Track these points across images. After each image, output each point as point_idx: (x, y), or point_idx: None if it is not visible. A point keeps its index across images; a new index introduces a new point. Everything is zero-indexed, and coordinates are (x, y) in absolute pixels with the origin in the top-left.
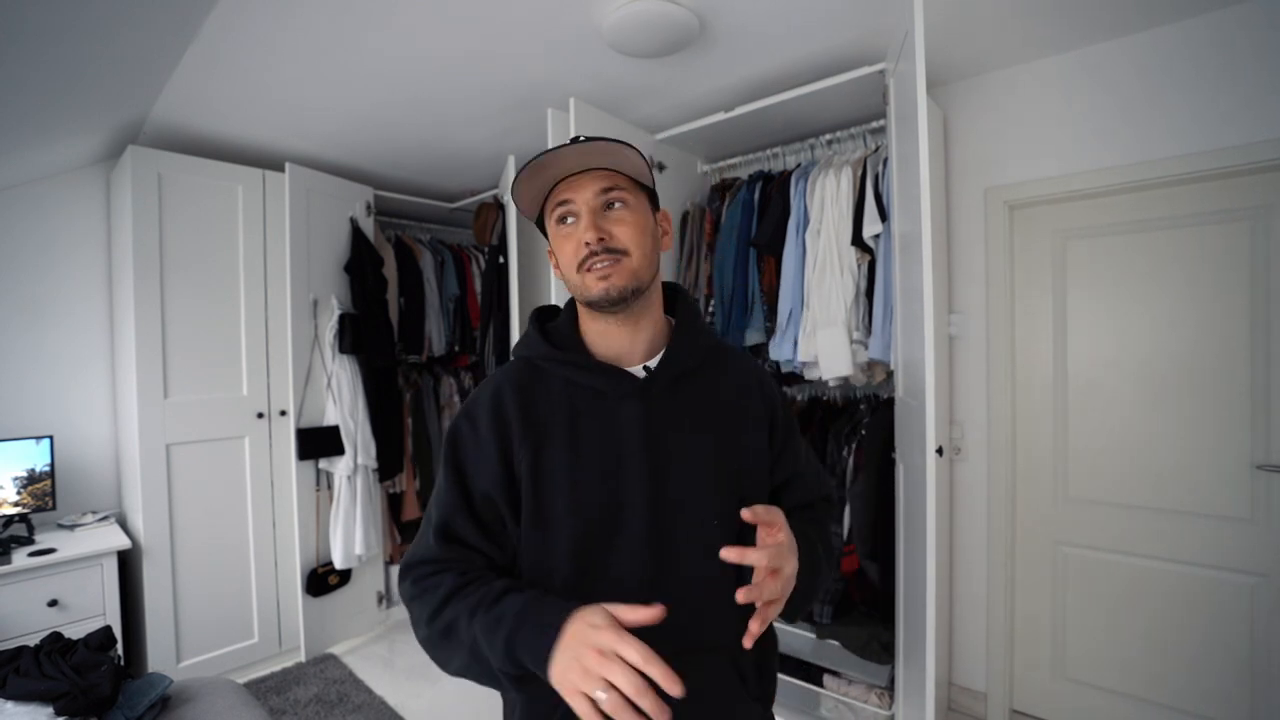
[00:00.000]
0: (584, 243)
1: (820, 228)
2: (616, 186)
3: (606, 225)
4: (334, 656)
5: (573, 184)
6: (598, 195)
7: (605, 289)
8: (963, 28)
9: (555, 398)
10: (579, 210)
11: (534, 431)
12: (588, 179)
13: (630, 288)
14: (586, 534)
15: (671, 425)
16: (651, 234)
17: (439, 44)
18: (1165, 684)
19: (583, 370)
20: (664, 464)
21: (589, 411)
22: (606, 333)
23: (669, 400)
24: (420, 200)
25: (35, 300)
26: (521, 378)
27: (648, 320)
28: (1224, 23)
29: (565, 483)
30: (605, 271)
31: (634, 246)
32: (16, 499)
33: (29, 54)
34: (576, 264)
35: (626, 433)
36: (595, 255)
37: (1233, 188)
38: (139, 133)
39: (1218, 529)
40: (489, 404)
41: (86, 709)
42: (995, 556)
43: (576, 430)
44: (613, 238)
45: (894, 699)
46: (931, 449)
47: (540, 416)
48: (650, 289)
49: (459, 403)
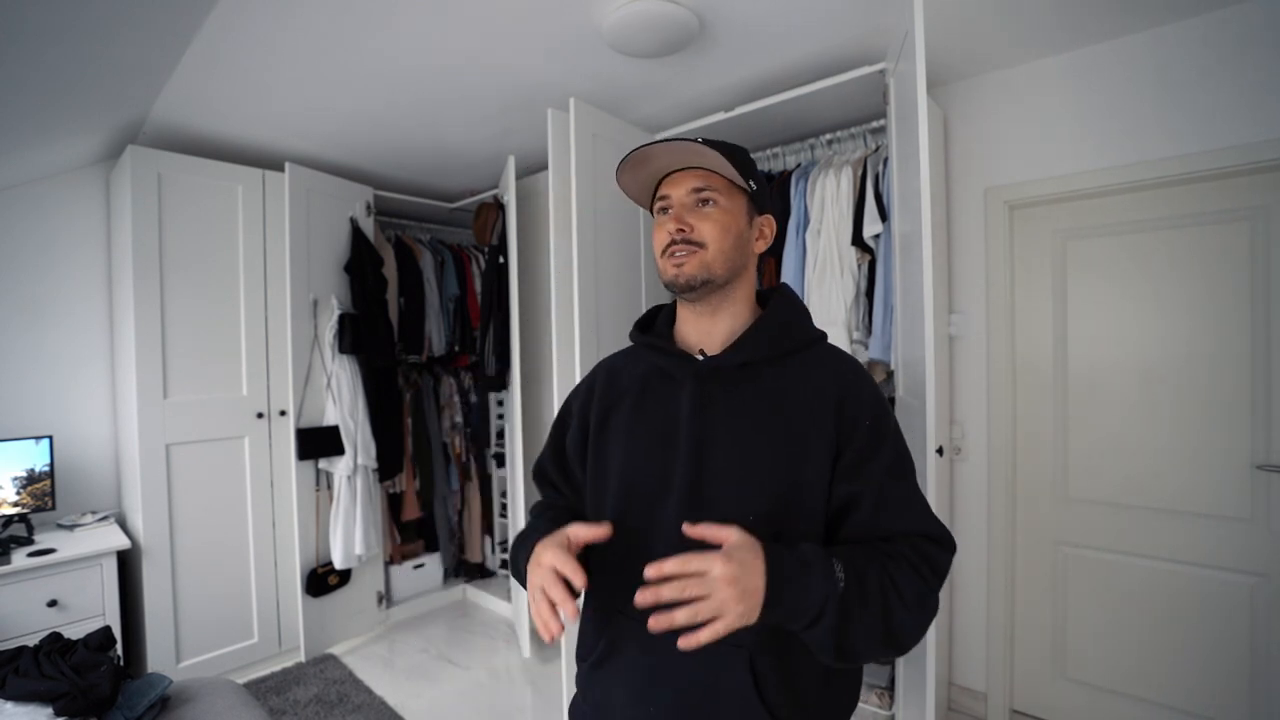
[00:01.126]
0: (668, 231)
1: (820, 228)
2: (709, 187)
3: (691, 219)
4: (334, 657)
5: (673, 180)
6: (690, 193)
7: (676, 275)
8: (963, 28)
9: (636, 375)
10: (673, 204)
11: (609, 399)
12: (685, 176)
13: (701, 277)
14: (629, 494)
15: (726, 412)
16: (736, 233)
17: (439, 44)
18: (1165, 684)
19: (656, 352)
20: (706, 447)
21: (656, 389)
22: (689, 321)
23: (728, 388)
24: (420, 200)
25: (35, 300)
26: (619, 358)
27: (727, 313)
28: (1223, 23)
29: (621, 445)
30: (680, 260)
31: (711, 241)
32: (16, 499)
33: (29, 54)
34: (661, 250)
35: (680, 412)
36: (675, 244)
37: (1232, 188)
38: (139, 133)
39: (1218, 529)
40: (586, 383)
41: (86, 709)
42: (995, 556)
43: (642, 404)
44: (693, 230)
45: (894, 699)
46: (931, 449)
47: (620, 389)
48: (731, 284)
49: (459, 403)
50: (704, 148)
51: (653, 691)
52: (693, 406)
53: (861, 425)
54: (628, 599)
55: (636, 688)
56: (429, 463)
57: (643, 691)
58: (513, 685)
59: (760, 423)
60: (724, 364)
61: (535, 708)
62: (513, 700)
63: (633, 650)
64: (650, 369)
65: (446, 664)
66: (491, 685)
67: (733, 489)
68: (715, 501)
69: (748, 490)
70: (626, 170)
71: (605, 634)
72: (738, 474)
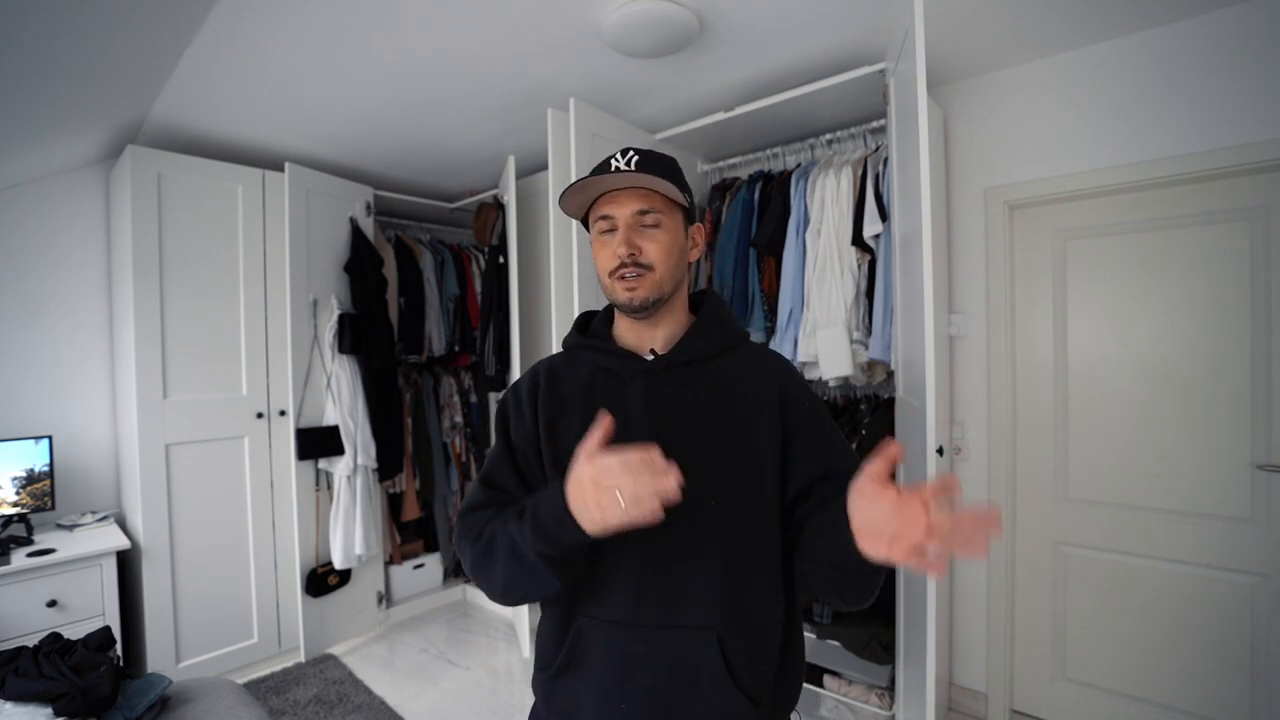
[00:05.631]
0: (616, 254)
1: (820, 228)
2: (653, 209)
3: (639, 241)
4: (334, 657)
5: (616, 199)
6: (634, 215)
7: (630, 298)
8: (963, 28)
9: (579, 376)
10: (617, 224)
11: (556, 400)
12: (628, 196)
13: (652, 298)
14: None
15: (676, 405)
16: (679, 250)
17: (439, 44)
18: (1165, 684)
19: (602, 354)
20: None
21: (603, 387)
22: (630, 327)
23: (675, 383)
24: (420, 200)
25: (35, 300)
26: (557, 361)
27: (668, 319)
28: (1223, 23)
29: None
30: (632, 284)
31: (659, 262)
32: (16, 499)
33: (29, 54)
34: (609, 270)
35: (632, 407)
36: (625, 266)
37: (1233, 188)
38: (138, 133)
39: (1218, 529)
40: (529, 378)
41: (86, 709)
42: (995, 556)
43: (591, 401)
44: (642, 253)
45: (894, 699)
46: (932, 449)
47: (564, 390)
48: (674, 296)
49: (459, 403)
50: (655, 178)
51: (625, 687)
52: (645, 402)
53: (803, 409)
54: (591, 602)
55: (606, 687)
56: (429, 463)
57: (614, 689)
58: (512, 685)
59: (712, 414)
60: (675, 360)
61: None
62: (513, 700)
63: (599, 650)
64: (593, 370)
65: (446, 664)
66: (491, 685)
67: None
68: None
69: (707, 477)
70: (570, 195)
71: (566, 639)
72: (695, 463)
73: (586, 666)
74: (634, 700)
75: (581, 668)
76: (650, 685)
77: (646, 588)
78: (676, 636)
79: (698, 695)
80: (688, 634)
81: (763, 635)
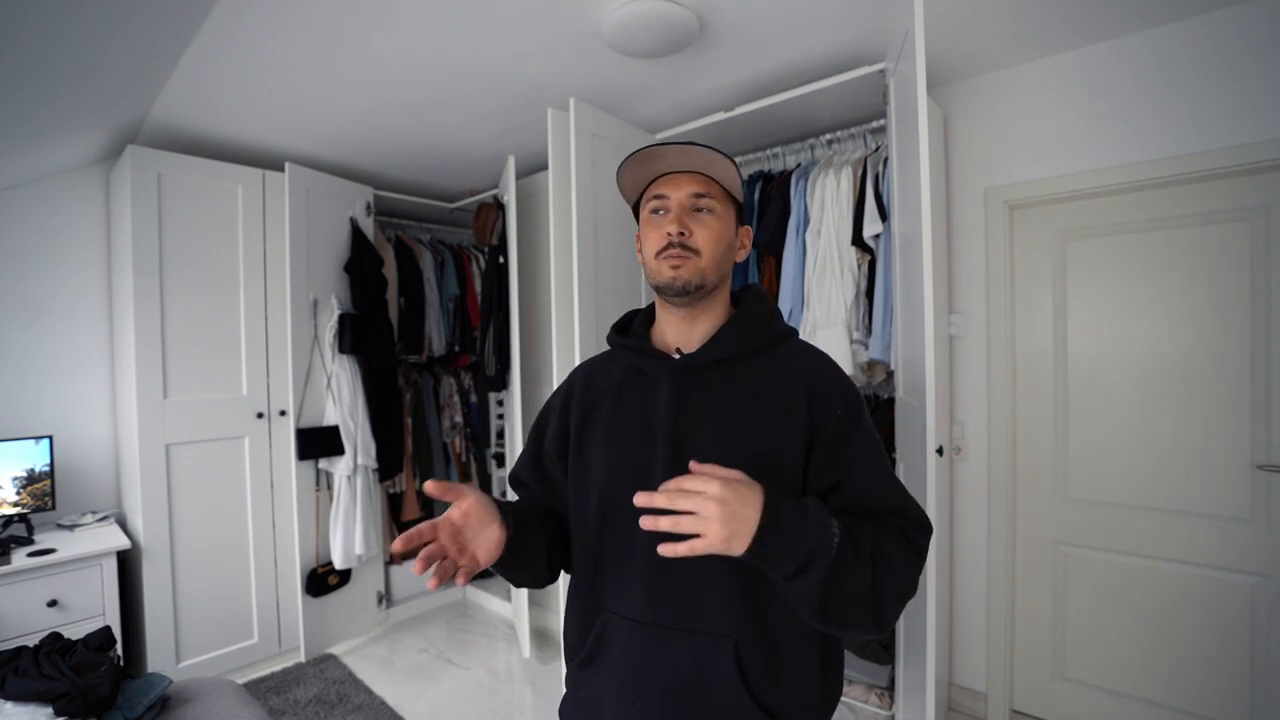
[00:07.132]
0: (667, 233)
1: (820, 228)
2: (709, 194)
3: (690, 224)
4: (334, 656)
5: (672, 180)
6: (690, 196)
7: (673, 278)
8: (963, 28)
9: (614, 376)
10: (671, 205)
11: (589, 400)
12: (685, 179)
13: (695, 283)
14: (611, 491)
15: (700, 407)
16: (728, 243)
17: (439, 44)
18: (1165, 684)
19: (634, 353)
20: (686, 440)
21: (634, 388)
22: (669, 324)
23: (702, 384)
24: (420, 200)
25: (35, 300)
26: (597, 360)
27: (707, 316)
28: (1223, 23)
29: (602, 444)
30: (677, 263)
31: (706, 249)
32: (16, 499)
33: (29, 54)
34: (656, 250)
35: (659, 409)
36: (673, 246)
37: (1232, 188)
38: (138, 133)
39: (1218, 529)
40: (568, 379)
41: (86, 709)
42: (995, 556)
43: (621, 403)
44: (692, 235)
45: (894, 699)
46: (931, 449)
47: (598, 390)
48: (716, 290)
49: (459, 403)
50: (718, 155)
51: (641, 686)
52: (670, 403)
53: (833, 412)
54: (612, 597)
55: (625, 683)
56: (429, 463)
57: (631, 686)
58: (513, 685)
59: (735, 414)
60: (699, 360)
61: (535, 708)
62: (513, 700)
63: (619, 646)
64: (628, 369)
65: (446, 664)
66: (491, 685)
67: None
68: None
69: None
70: (630, 166)
71: (591, 632)
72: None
73: (608, 661)
74: (651, 698)
75: (603, 661)
76: (668, 686)
77: (664, 588)
78: (693, 641)
79: (711, 705)
80: (705, 640)
81: (784, 648)
